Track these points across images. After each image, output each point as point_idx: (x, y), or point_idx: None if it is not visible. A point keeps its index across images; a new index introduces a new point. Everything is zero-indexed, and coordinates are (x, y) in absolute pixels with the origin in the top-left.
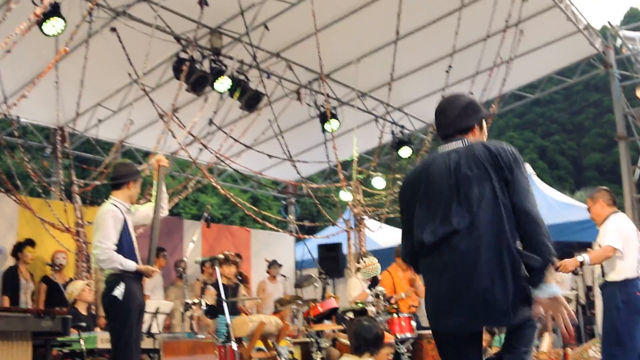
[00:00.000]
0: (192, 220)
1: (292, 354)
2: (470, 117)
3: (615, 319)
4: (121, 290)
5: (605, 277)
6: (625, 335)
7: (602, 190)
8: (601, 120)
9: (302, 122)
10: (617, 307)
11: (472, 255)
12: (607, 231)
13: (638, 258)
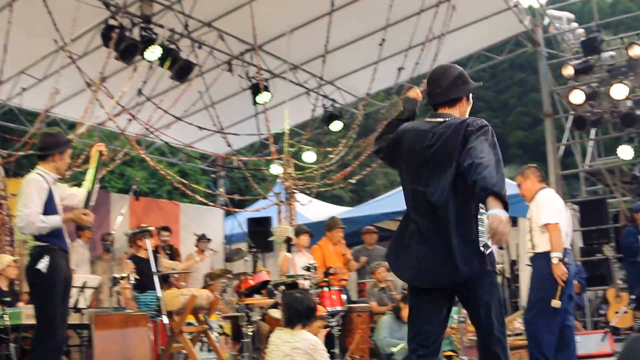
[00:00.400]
0: (120, 194)
1: (222, 328)
2: (459, 89)
3: (542, 289)
4: (45, 264)
5: (535, 249)
6: (550, 304)
7: (532, 167)
8: (526, 99)
9: (233, 94)
10: (544, 278)
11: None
12: (541, 209)
13: (566, 231)
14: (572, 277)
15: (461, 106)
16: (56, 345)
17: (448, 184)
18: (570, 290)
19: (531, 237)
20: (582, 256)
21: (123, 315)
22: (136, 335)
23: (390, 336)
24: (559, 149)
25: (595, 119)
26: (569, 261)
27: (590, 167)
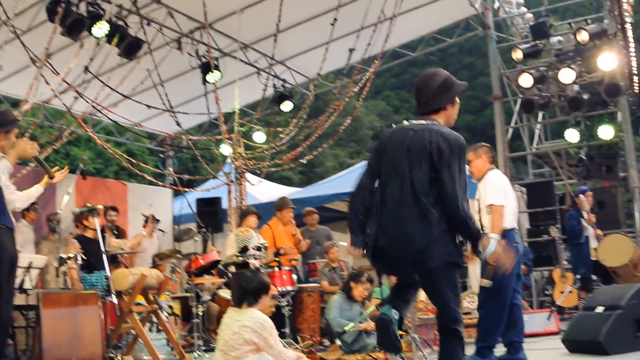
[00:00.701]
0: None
1: (171, 308)
2: (442, 98)
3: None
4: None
5: (483, 229)
6: (501, 284)
7: (485, 147)
8: (474, 83)
9: (183, 72)
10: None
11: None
12: (489, 190)
13: (514, 212)
14: (520, 256)
15: (446, 112)
16: (1, 326)
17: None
18: (518, 269)
19: (480, 218)
20: (529, 237)
21: (72, 294)
22: (86, 314)
23: (340, 315)
24: (507, 131)
25: (543, 102)
26: (517, 241)
27: (538, 149)
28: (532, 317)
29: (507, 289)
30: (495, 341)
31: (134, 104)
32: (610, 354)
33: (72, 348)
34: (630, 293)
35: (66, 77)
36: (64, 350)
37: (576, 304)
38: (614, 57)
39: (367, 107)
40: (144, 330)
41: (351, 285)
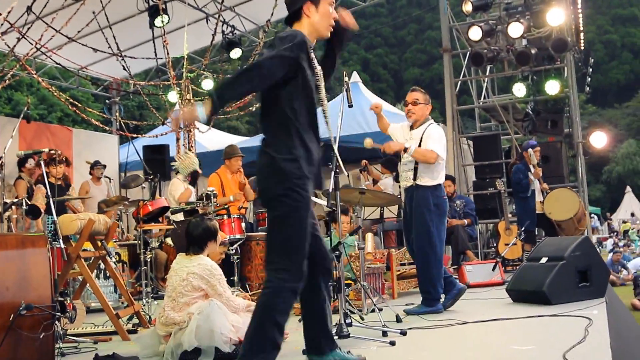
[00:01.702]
0: (8, 117)
1: (119, 256)
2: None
3: (428, 221)
4: None
5: (418, 181)
6: (435, 235)
7: (427, 95)
8: (422, 36)
9: (130, 16)
10: (429, 210)
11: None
12: (432, 137)
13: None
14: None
15: (309, 19)
16: None
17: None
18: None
19: (415, 170)
20: (475, 190)
21: (20, 236)
22: (34, 256)
23: None
24: (456, 85)
25: (492, 55)
26: (444, 195)
27: (485, 103)
28: (477, 268)
29: (442, 240)
30: (439, 292)
31: (79, 47)
32: (552, 303)
33: (21, 290)
34: (574, 245)
35: (8, 17)
36: (12, 293)
37: (520, 256)
38: (562, 12)
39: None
40: (92, 275)
41: None
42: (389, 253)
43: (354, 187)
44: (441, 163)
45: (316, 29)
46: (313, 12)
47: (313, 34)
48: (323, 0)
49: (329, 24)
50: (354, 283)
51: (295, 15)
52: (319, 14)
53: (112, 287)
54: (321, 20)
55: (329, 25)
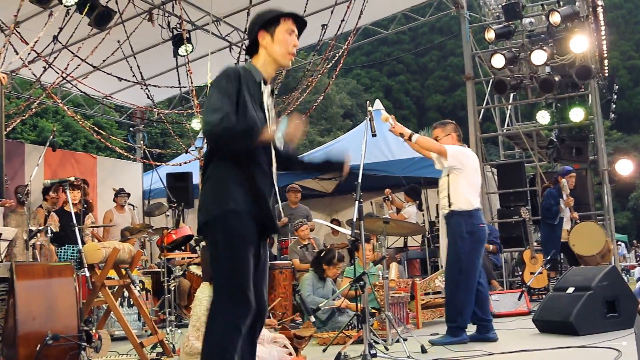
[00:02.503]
0: (34, 145)
1: (143, 283)
2: (251, 31)
3: (459, 248)
4: None
5: (451, 207)
6: (468, 264)
7: (452, 124)
8: (444, 63)
9: (154, 45)
10: (461, 237)
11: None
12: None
13: (479, 191)
14: (485, 237)
15: (264, 47)
16: None
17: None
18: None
19: (448, 195)
20: (499, 218)
21: (46, 266)
22: (61, 285)
23: (313, 292)
24: (479, 112)
25: (515, 83)
26: (482, 222)
27: (509, 131)
28: (502, 298)
29: (475, 268)
30: (466, 321)
31: (104, 76)
32: (580, 334)
33: (48, 320)
34: (601, 275)
35: (35, 46)
36: (39, 323)
37: (546, 285)
38: (585, 39)
39: (337, 85)
40: (116, 304)
41: (324, 267)
42: (413, 282)
43: (378, 217)
44: (473, 185)
45: (274, 59)
46: (268, 42)
47: (271, 65)
48: (279, 28)
49: (287, 52)
50: (378, 313)
51: (252, 47)
52: (275, 42)
53: (135, 315)
54: (278, 48)
55: (287, 52)
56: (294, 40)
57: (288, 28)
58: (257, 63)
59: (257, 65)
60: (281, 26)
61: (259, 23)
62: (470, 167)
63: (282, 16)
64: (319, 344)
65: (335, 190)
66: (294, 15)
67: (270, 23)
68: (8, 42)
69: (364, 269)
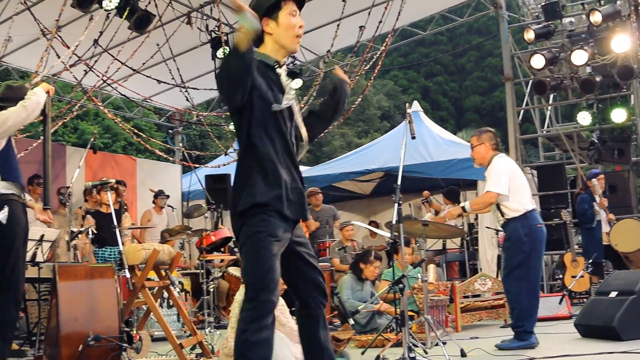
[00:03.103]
0: (75, 147)
1: (182, 285)
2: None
3: (519, 252)
4: (5, 214)
5: (505, 216)
6: (529, 267)
7: (489, 133)
8: (482, 63)
9: (192, 47)
10: (520, 241)
11: None
12: (489, 176)
13: (529, 192)
14: (544, 237)
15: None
16: (17, 300)
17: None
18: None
19: (498, 207)
20: None
21: (88, 267)
22: (103, 287)
23: (351, 296)
24: (518, 113)
25: (555, 84)
26: (540, 222)
27: (549, 132)
28: (543, 301)
29: (537, 271)
30: (532, 325)
31: (143, 79)
32: (623, 339)
33: (89, 321)
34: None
35: (76, 50)
36: (81, 324)
37: (587, 289)
38: (627, 39)
39: (375, 86)
40: (156, 305)
41: (361, 267)
42: (453, 285)
43: (416, 219)
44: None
45: (281, 45)
46: (273, 27)
47: (279, 51)
48: (282, 12)
49: (294, 35)
50: (417, 316)
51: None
52: (280, 27)
53: (175, 316)
54: (284, 33)
55: (294, 36)
56: (299, 22)
57: (290, 10)
58: (265, 52)
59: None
60: (283, 10)
61: (260, 11)
62: (512, 171)
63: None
64: (357, 347)
65: (373, 192)
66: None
67: (271, 8)
68: (50, 46)
69: (402, 272)
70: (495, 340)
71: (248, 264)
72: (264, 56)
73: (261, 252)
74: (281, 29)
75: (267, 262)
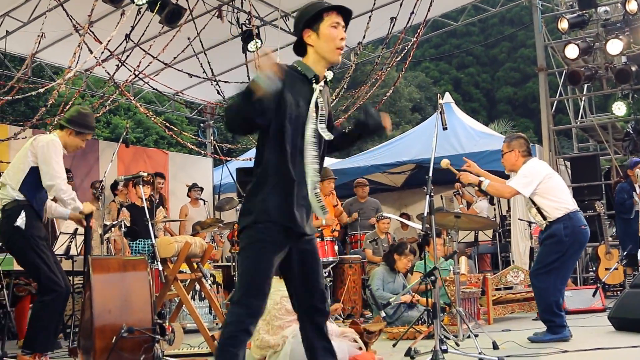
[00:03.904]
0: (107, 142)
1: (214, 277)
2: (295, 29)
3: (556, 251)
4: (23, 219)
5: (547, 219)
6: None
7: (520, 139)
8: (515, 54)
9: (223, 41)
10: (561, 241)
11: None
12: (518, 174)
13: (567, 191)
14: (586, 240)
15: (311, 45)
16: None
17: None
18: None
19: (539, 210)
20: None
21: (121, 260)
22: (136, 279)
23: (383, 287)
24: (552, 104)
25: (590, 74)
26: (584, 223)
27: (583, 123)
28: (576, 294)
29: (568, 271)
30: (563, 319)
31: (174, 73)
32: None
33: (123, 313)
34: None
35: (108, 45)
36: (114, 316)
37: (621, 281)
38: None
39: (406, 78)
40: (188, 297)
41: (394, 258)
42: (485, 277)
43: (448, 211)
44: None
45: (322, 56)
46: (314, 39)
47: (320, 62)
48: (323, 24)
49: (335, 47)
50: (448, 308)
51: (300, 47)
52: (321, 38)
53: (207, 308)
54: (325, 45)
55: (334, 48)
56: (340, 34)
57: (332, 22)
58: (307, 62)
59: (308, 64)
60: (325, 21)
61: (301, 22)
62: (544, 175)
63: (324, 11)
64: (388, 339)
65: (404, 184)
66: (337, 7)
67: (313, 20)
68: (83, 42)
69: (434, 264)
70: (527, 333)
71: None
72: (304, 67)
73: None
74: (322, 40)
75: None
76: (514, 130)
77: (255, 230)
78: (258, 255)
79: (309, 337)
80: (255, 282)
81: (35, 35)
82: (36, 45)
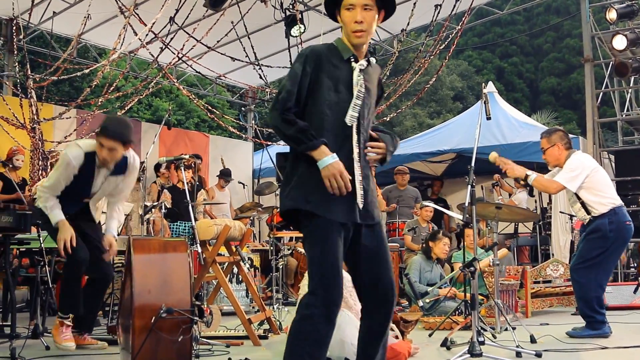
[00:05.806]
0: (150, 123)
1: (251, 261)
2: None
3: (599, 246)
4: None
5: (592, 214)
6: (605, 260)
7: (559, 132)
8: (560, 44)
9: (266, 25)
10: (605, 236)
11: None
12: (565, 168)
13: (611, 185)
14: (630, 236)
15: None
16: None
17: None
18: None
19: (583, 205)
20: None
21: (162, 241)
22: (176, 260)
23: (420, 277)
24: (598, 95)
25: (637, 66)
26: (629, 219)
27: (629, 115)
28: (617, 290)
29: (610, 266)
30: (602, 315)
31: (217, 56)
32: None
33: (162, 294)
34: None
35: (152, 27)
36: (153, 296)
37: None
38: None
39: (448, 66)
40: (226, 280)
41: (430, 245)
42: (524, 270)
43: (488, 202)
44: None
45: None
46: (341, 21)
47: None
48: (341, 7)
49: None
50: (486, 300)
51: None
52: (342, 22)
53: (244, 291)
54: (345, 27)
55: (350, 31)
56: (354, 17)
57: (347, 4)
58: (344, 42)
59: (346, 43)
60: (342, 5)
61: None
62: (591, 168)
63: None
64: (425, 329)
65: (444, 173)
66: None
67: (334, 4)
68: (128, 24)
69: (474, 255)
70: (566, 327)
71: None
72: (342, 46)
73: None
74: (343, 24)
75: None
76: (556, 122)
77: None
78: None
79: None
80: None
81: (81, 16)
82: (82, 27)
